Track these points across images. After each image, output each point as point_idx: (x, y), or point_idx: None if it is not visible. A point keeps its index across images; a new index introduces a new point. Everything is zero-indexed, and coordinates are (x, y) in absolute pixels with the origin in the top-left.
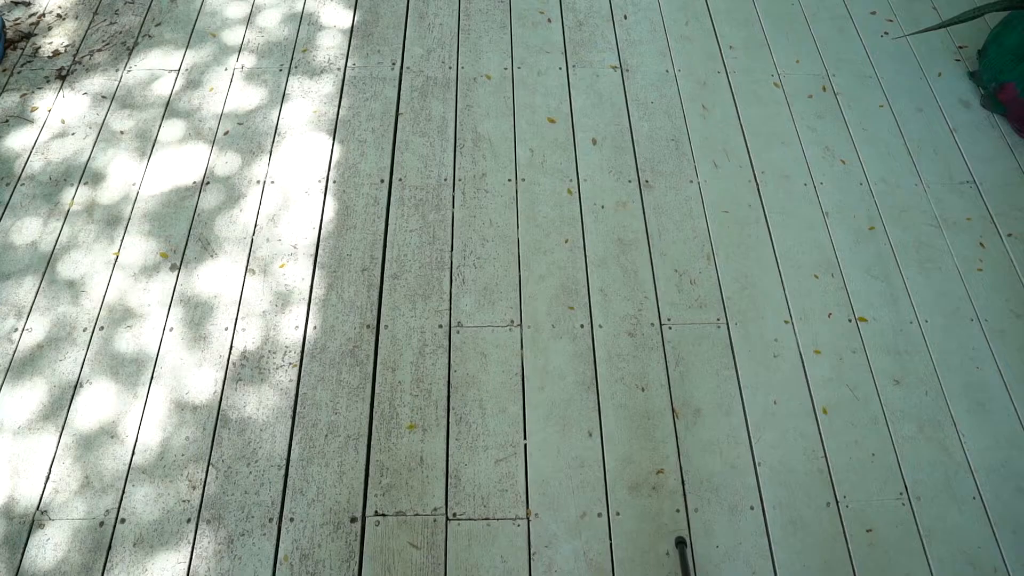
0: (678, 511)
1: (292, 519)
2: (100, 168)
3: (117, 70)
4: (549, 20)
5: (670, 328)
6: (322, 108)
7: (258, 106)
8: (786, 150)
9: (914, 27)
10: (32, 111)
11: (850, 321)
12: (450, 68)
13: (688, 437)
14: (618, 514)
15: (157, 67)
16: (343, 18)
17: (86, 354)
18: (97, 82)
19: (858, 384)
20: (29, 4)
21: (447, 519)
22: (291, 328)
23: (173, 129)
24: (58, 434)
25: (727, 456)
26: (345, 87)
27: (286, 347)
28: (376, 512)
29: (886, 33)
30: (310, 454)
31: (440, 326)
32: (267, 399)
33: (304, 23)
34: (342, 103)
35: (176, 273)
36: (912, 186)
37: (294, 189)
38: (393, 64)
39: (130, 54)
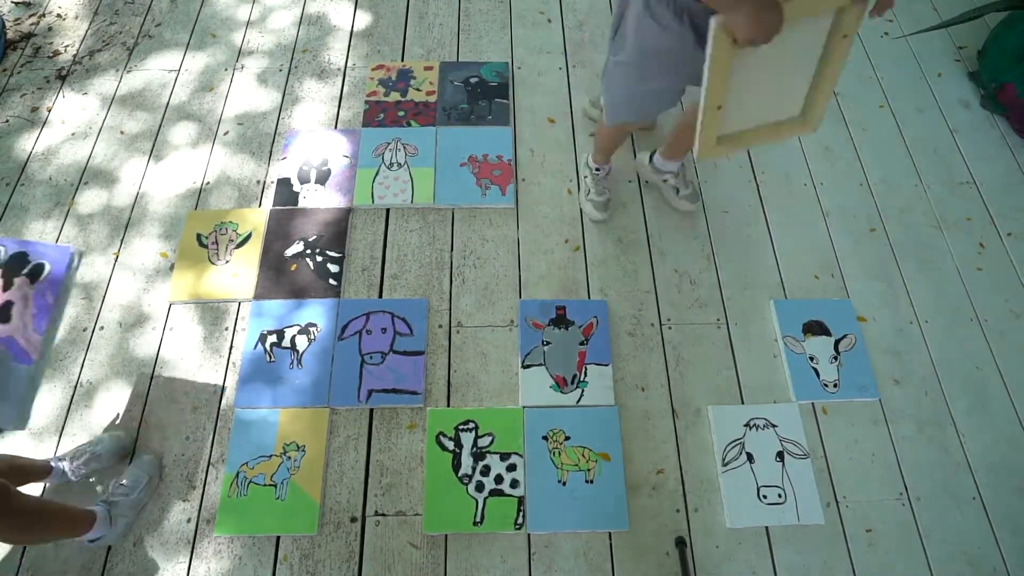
0: (678, 511)
1: None
2: (100, 168)
3: (117, 70)
4: (549, 20)
5: (670, 328)
6: (323, 108)
7: (259, 106)
8: (786, 150)
9: (914, 27)
10: (32, 111)
11: None
12: None
13: (688, 437)
14: None
15: (158, 67)
16: (343, 18)
17: (86, 354)
18: (97, 82)
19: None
20: (29, 4)
21: None
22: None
23: (174, 129)
24: (58, 434)
25: None
26: (345, 87)
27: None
28: (376, 512)
29: (886, 33)
30: None
31: (440, 326)
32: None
33: (304, 23)
34: (342, 103)
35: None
36: (912, 186)
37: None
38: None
39: (130, 54)
